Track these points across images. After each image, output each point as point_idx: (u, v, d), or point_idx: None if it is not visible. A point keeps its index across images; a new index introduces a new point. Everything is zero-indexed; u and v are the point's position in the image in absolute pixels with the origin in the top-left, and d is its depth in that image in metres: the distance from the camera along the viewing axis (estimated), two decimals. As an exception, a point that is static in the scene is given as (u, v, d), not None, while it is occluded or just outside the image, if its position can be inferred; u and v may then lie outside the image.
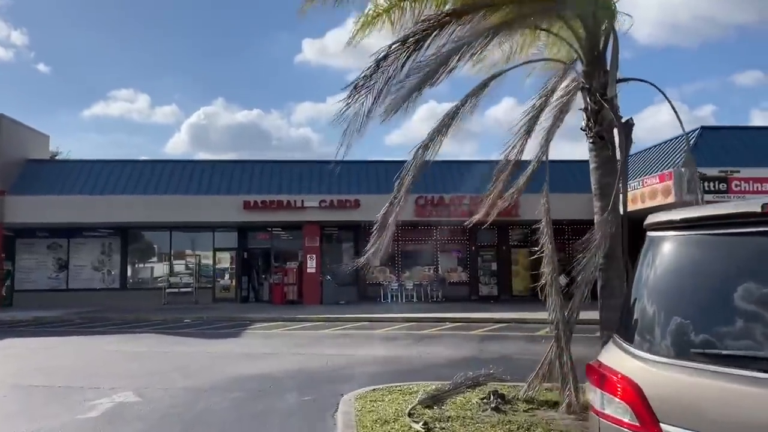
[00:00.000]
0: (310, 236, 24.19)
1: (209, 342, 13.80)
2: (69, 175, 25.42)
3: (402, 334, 14.56)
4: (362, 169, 26.64)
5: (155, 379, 9.33)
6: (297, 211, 23.43)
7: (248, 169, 26.41)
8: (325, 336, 14.52)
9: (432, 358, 10.84)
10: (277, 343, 13.29)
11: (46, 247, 25.85)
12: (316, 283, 24.00)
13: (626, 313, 2.97)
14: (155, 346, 13.15)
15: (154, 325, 17.75)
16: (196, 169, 26.13)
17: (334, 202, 23.52)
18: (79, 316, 20.08)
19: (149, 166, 26.29)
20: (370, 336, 14.33)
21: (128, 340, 14.33)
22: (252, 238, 26.68)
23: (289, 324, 17.32)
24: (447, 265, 26.87)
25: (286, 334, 15.20)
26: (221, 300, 25.81)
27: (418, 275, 26.59)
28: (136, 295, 25.41)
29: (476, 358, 10.72)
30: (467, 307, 21.16)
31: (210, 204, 23.50)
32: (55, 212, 22.93)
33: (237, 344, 13.23)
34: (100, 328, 17.25)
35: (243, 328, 16.31)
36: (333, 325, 16.94)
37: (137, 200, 23.63)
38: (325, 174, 26.14)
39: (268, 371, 9.81)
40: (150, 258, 26.87)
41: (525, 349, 11.76)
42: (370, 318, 17.98)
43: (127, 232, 25.96)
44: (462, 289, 26.17)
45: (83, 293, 25.13)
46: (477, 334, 14.42)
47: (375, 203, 23.53)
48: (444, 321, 17.26)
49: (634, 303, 2.89)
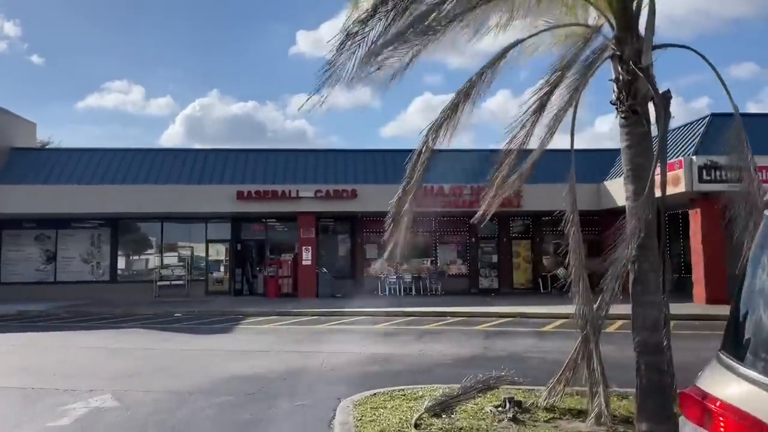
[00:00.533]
0: (306, 227, 23.43)
1: (199, 338, 13.07)
2: (57, 164, 24.58)
3: (402, 330, 13.84)
4: (359, 159, 25.88)
5: (137, 381, 8.59)
6: (292, 201, 22.65)
7: (242, 158, 25.59)
8: (322, 332, 13.80)
9: (436, 357, 10.13)
10: (270, 339, 12.56)
11: (34, 239, 25.03)
12: (312, 276, 23.26)
13: (737, 322, 2.20)
14: (141, 343, 12.41)
15: (143, 319, 17.01)
16: (188, 159, 25.31)
17: (330, 192, 22.74)
18: (65, 310, 19.32)
19: (140, 155, 25.43)
20: (368, 332, 13.61)
21: (114, 336, 13.58)
22: (246, 230, 25.88)
23: (284, 318, 16.60)
24: (446, 258, 26.14)
25: (280, 329, 14.47)
26: (214, 293, 25.06)
27: (416, 268, 25.88)
28: (127, 288, 24.64)
29: (483, 357, 10.02)
30: (468, 301, 20.46)
31: (202, 194, 22.71)
32: (42, 202, 22.12)
33: (228, 341, 12.50)
34: (87, 323, 16.50)
35: (235, 323, 15.58)
36: (329, 319, 16.22)
37: (127, 190, 22.83)
38: (321, 163, 25.41)
39: (260, 371, 9.09)
40: (141, 250, 26.07)
41: (534, 347, 11.06)
42: (369, 312, 17.27)
43: (117, 223, 25.15)
44: (461, 281, 25.47)
45: (72, 286, 24.36)
46: (481, 330, 13.71)
47: (373, 193, 22.90)
48: (445, 315, 16.55)
49: (748, 307, 2.13)
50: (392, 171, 25.22)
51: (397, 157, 27.74)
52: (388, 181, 24.46)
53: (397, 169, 24.24)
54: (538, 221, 26.18)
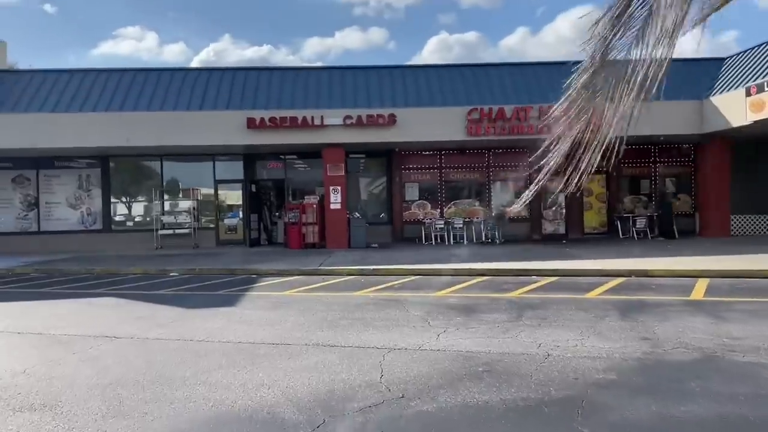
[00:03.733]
0: (333, 163, 19.07)
1: (187, 316, 8.99)
2: (28, 88, 20.31)
3: (481, 301, 9.58)
4: (397, 77, 21.18)
5: (34, 420, 4.48)
6: (315, 130, 18.22)
7: (252, 79, 21.06)
8: (363, 303, 9.62)
9: (575, 361, 5.85)
10: (291, 318, 8.42)
11: (11, 181, 21.11)
12: (342, 222, 19.06)
13: None
14: (100, 324, 8.35)
15: (126, 281, 13.05)
16: (188, 80, 20.84)
17: (363, 119, 18.22)
18: (37, 268, 15.45)
19: (128, 76, 20.99)
20: (432, 304, 9.39)
21: (70, 312, 9.58)
22: (261, 168, 21.66)
23: (310, 280, 12.48)
24: (501, 198, 21.68)
25: (305, 298, 10.33)
26: (227, 243, 21.11)
27: (467, 210, 21.51)
28: (123, 238, 20.82)
29: (662, 362, 5.73)
30: (541, 252, 16.12)
31: (204, 122, 18.38)
32: (11, 135, 18.03)
33: (228, 321, 8.38)
34: (53, 287, 12.58)
35: (245, 288, 11.51)
36: (370, 281, 12.05)
37: (113, 120, 18.56)
38: (350, 83, 20.75)
39: (267, 397, 4.95)
40: (138, 193, 22.00)
41: (726, 335, 6.71)
42: (421, 270, 13.05)
43: (108, 162, 21.09)
44: (521, 227, 21.06)
45: (58, 237, 20.64)
46: (602, 300, 9.36)
47: (414, 119, 18.17)
48: (528, 273, 12.24)
49: None
50: (438, 91, 20.54)
51: (444, 75, 22.84)
52: (434, 103, 19.88)
53: (444, 89, 19.51)
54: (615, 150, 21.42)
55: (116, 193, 21.45)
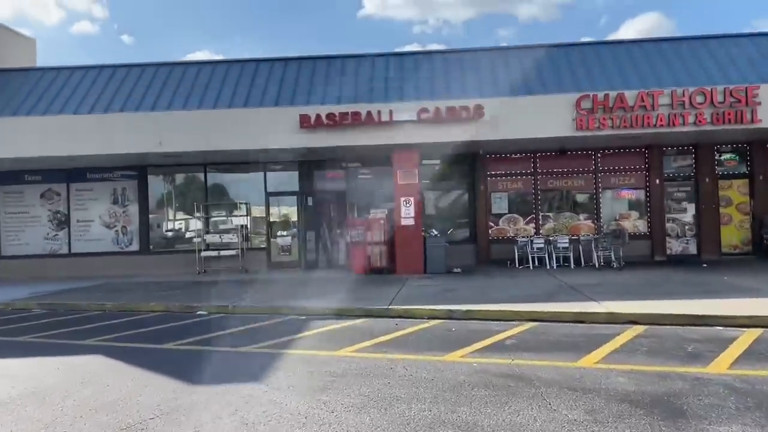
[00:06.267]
0: (405, 168, 15.45)
1: (181, 403, 5.50)
2: (51, 87, 17.78)
3: (661, 381, 5.66)
4: (484, 61, 17.39)
5: None
6: (383, 128, 14.67)
7: (307, 70, 17.76)
8: (467, 382, 5.87)
9: None
10: (347, 418, 4.79)
11: (39, 196, 18.63)
12: (416, 242, 15.35)
13: None
14: (38, 420, 4.98)
15: (132, 326, 9.83)
16: (231, 75, 17.76)
17: (442, 112, 14.52)
18: (41, 302, 12.51)
19: (164, 72, 18.11)
20: (589, 389, 5.55)
21: (16, 386, 6.30)
22: (319, 179, 18.27)
23: (376, 326, 8.84)
24: (613, 210, 17.48)
25: (371, 366, 6.66)
26: (279, 266, 17.83)
27: (570, 225, 17.42)
28: (162, 261, 17.90)
29: None
30: (694, 282, 11.87)
31: (248, 121, 15.17)
32: (28, 141, 15.42)
33: (242, 421, 4.83)
34: (36, 334, 9.47)
35: (286, 345, 7.96)
36: (464, 331, 8.30)
37: (143, 119, 15.65)
38: (425, 70, 17.13)
39: None
40: (181, 209, 19.08)
41: None
42: (536, 314, 9.11)
43: (145, 172, 18.27)
44: (639, 246, 16.74)
45: (91, 260, 18.00)
46: None
47: (508, 110, 13.58)
48: (709, 322, 8.14)
49: None
50: (536, 77, 16.64)
51: (542, 57, 18.55)
52: (532, 91, 16.00)
53: (543, 74, 15.45)
54: (764, 148, 16.87)
55: (155, 209, 18.61)
